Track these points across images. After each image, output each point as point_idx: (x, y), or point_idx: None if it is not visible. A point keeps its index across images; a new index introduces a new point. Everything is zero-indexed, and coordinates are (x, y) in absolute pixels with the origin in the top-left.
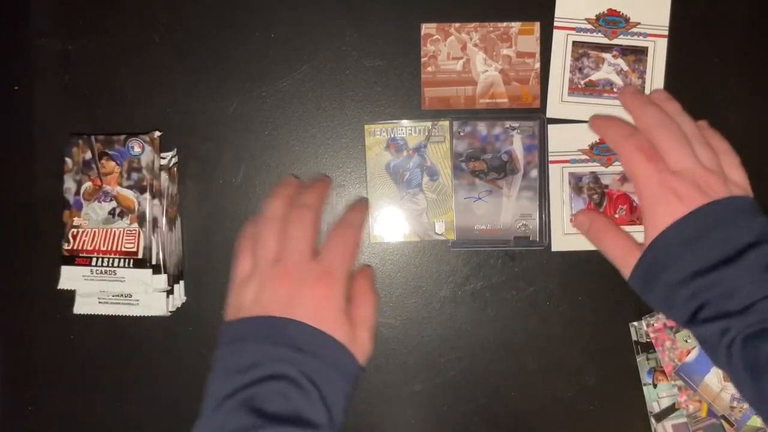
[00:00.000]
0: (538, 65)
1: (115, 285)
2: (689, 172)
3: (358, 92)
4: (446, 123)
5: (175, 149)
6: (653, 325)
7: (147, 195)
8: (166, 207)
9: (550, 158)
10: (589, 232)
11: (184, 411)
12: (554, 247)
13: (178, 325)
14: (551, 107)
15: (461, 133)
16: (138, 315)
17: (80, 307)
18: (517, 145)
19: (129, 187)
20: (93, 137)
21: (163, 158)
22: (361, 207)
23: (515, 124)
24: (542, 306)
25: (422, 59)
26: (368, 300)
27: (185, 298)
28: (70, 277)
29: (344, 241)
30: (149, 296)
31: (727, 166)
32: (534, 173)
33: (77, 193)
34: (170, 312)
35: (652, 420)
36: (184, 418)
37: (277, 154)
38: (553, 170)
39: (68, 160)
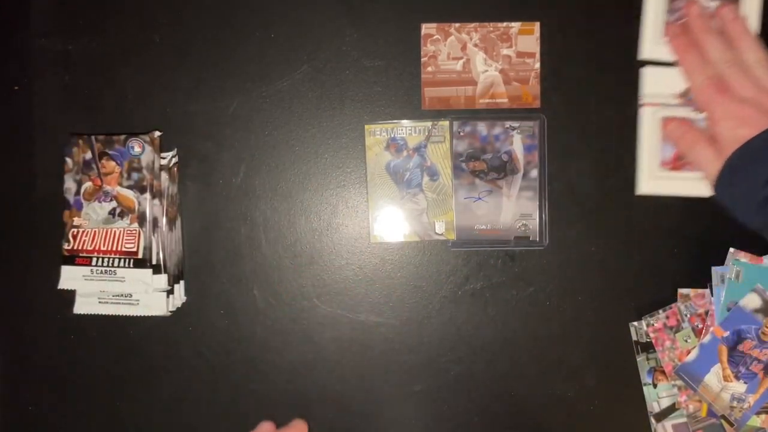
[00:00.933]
0: (538, 65)
1: (115, 285)
2: (754, 98)
3: (358, 92)
4: (446, 123)
5: (175, 149)
6: (653, 325)
7: (147, 195)
8: (166, 207)
9: (645, 101)
10: (681, 140)
11: (184, 411)
12: (641, 190)
13: (178, 325)
14: (647, 48)
15: (461, 133)
16: (138, 315)
17: (80, 307)
18: (517, 145)
19: (129, 187)
20: (93, 137)
21: (163, 158)
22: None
23: (515, 124)
24: (542, 306)
25: (422, 59)
26: None
27: (185, 298)
28: (70, 277)
29: None
30: (149, 296)
31: None
32: (534, 173)
33: (77, 193)
34: (170, 312)
35: (652, 420)
36: (184, 417)
37: (277, 154)
38: (647, 114)
39: (68, 160)
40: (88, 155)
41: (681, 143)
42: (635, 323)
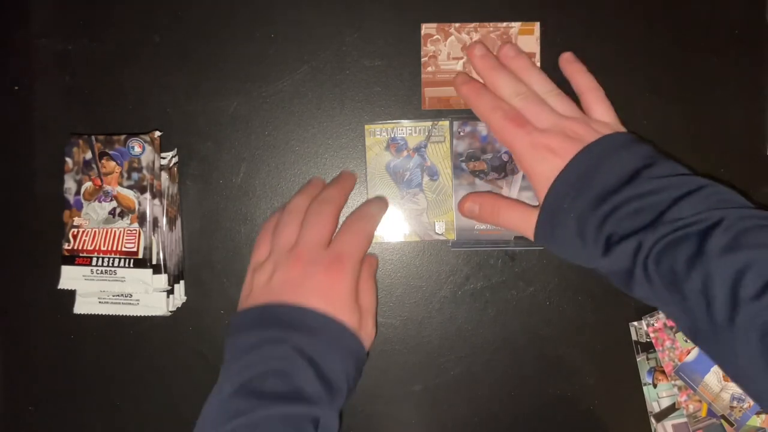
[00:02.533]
0: (537, 65)
1: (115, 285)
2: (554, 126)
3: (358, 92)
4: (446, 123)
5: (175, 149)
6: (653, 325)
7: (147, 195)
8: (166, 207)
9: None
10: (481, 214)
11: (184, 411)
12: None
13: (178, 325)
14: None
15: (461, 133)
16: (138, 315)
17: (80, 307)
18: None
19: (129, 187)
20: (93, 137)
21: (164, 158)
22: (379, 202)
23: None
24: (542, 306)
25: (422, 59)
26: (369, 288)
27: (185, 298)
28: (70, 277)
29: (357, 231)
30: (149, 296)
31: (591, 104)
32: None
33: (77, 193)
34: (170, 312)
35: (652, 420)
36: (184, 417)
37: (277, 154)
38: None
39: (68, 160)
40: (88, 155)
41: (483, 217)
42: (635, 323)
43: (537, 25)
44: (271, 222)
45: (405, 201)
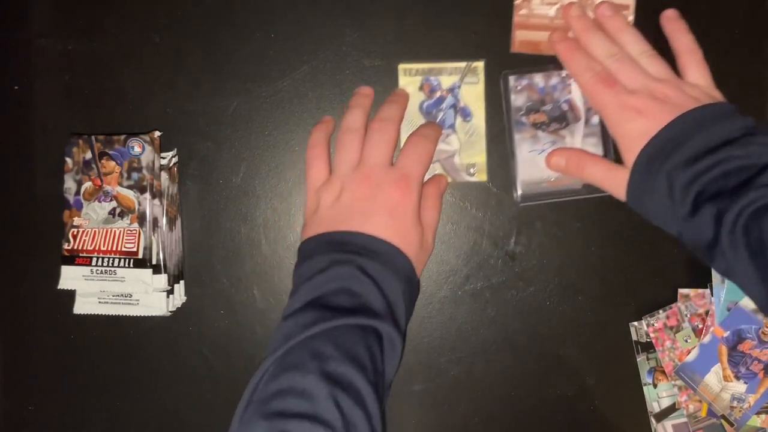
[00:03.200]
0: (632, 17)
1: (115, 285)
2: (644, 87)
3: None
4: (480, 64)
5: (175, 149)
6: (653, 325)
7: (147, 195)
8: (166, 207)
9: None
10: (568, 168)
11: (184, 411)
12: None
13: (178, 325)
14: None
15: (518, 87)
16: (138, 315)
17: (80, 307)
18: (576, 94)
19: (129, 187)
20: (93, 137)
21: (163, 158)
22: (434, 125)
23: None
24: (542, 306)
25: (515, 1)
26: (433, 206)
27: (185, 298)
28: (70, 277)
29: (420, 150)
30: (149, 296)
31: (687, 66)
32: (595, 119)
33: (77, 193)
34: (170, 312)
35: (652, 420)
36: (184, 417)
37: (277, 154)
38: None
39: (68, 160)
40: (88, 155)
41: (569, 170)
42: (635, 323)
43: None
44: (318, 139)
45: (438, 142)
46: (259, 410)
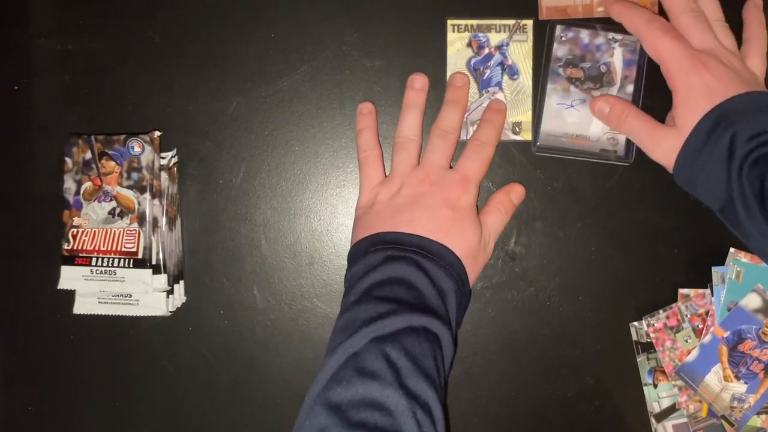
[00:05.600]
0: None
1: (115, 285)
2: (712, 49)
3: (358, 92)
4: (530, 22)
5: (175, 149)
6: (653, 325)
7: (147, 195)
8: (166, 207)
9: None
10: (610, 116)
11: (184, 411)
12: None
13: (178, 325)
14: None
15: (563, 38)
16: (138, 315)
17: (80, 307)
18: (617, 58)
19: (129, 187)
20: (93, 137)
21: (163, 158)
22: (497, 123)
23: (618, 36)
24: (542, 306)
25: None
26: (500, 210)
27: (185, 298)
28: (70, 277)
29: (480, 155)
30: (149, 296)
31: (751, 52)
32: (630, 88)
33: (77, 193)
34: (170, 312)
35: (653, 420)
36: (184, 417)
37: (277, 154)
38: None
39: (68, 160)
40: (88, 155)
41: (611, 119)
42: (635, 323)
43: None
44: (369, 140)
45: (483, 99)
46: (338, 417)
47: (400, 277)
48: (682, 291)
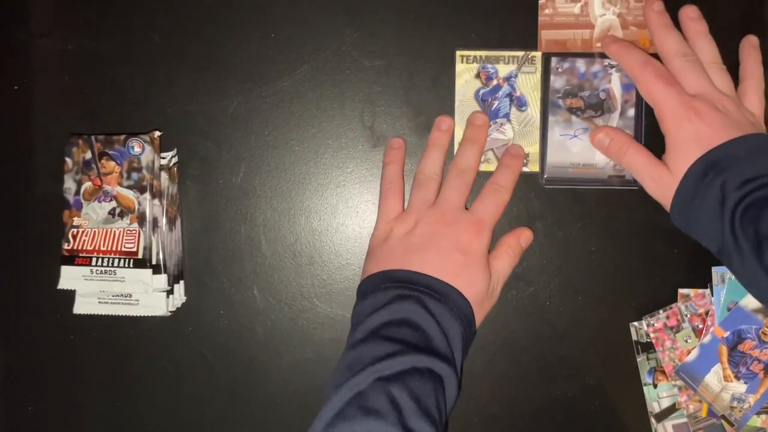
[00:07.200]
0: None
1: (115, 285)
2: (706, 94)
3: (358, 92)
4: (538, 54)
5: (175, 149)
6: (653, 325)
7: (147, 195)
8: (166, 207)
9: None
10: (610, 148)
11: (184, 411)
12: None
13: (178, 325)
14: None
15: (559, 69)
16: (138, 315)
17: (80, 307)
18: (615, 84)
19: (129, 187)
20: (93, 137)
21: (163, 158)
22: (514, 168)
23: (614, 62)
24: (542, 306)
25: (540, 1)
26: (508, 255)
27: (185, 298)
28: (70, 277)
29: (497, 199)
30: (149, 296)
31: (748, 91)
32: (631, 112)
33: (77, 193)
34: (170, 312)
35: (653, 420)
36: (184, 417)
37: (277, 154)
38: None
39: (68, 160)
40: (88, 155)
41: (611, 151)
42: (635, 323)
43: None
44: (394, 173)
45: (491, 130)
46: None
47: (407, 318)
48: (682, 291)
